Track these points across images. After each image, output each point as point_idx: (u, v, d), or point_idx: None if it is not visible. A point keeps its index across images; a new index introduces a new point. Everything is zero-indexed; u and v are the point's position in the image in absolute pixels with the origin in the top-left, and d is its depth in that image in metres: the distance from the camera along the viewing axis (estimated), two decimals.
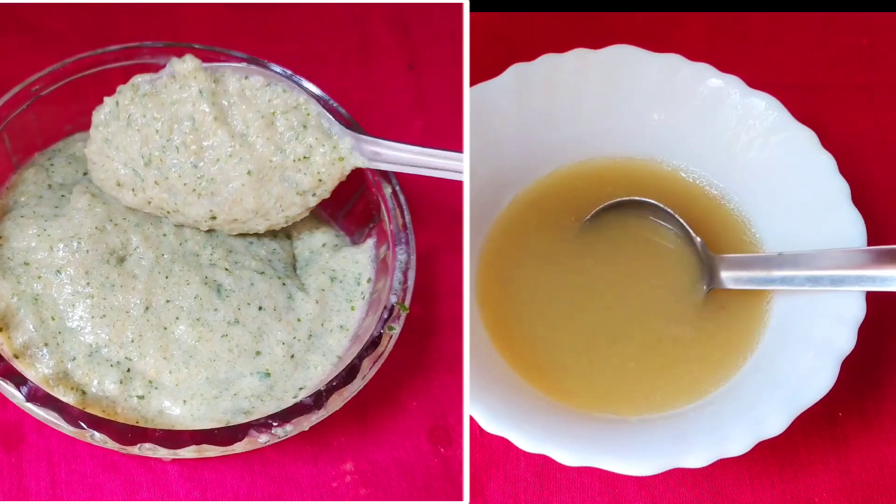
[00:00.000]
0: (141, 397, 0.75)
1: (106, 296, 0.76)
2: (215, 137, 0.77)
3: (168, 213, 0.79)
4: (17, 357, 0.74)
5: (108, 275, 0.77)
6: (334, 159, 0.78)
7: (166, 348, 0.76)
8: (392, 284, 0.77)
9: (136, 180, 0.78)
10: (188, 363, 0.76)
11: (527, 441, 0.71)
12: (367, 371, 0.74)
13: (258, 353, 0.77)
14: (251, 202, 0.78)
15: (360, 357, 0.73)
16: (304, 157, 0.78)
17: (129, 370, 0.76)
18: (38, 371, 0.74)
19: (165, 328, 0.77)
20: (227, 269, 0.79)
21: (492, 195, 0.84)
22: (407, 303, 0.77)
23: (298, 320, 0.79)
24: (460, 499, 0.81)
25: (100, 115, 0.77)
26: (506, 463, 0.80)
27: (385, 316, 0.75)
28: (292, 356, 0.77)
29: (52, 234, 0.77)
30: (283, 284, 0.80)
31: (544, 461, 0.79)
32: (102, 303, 0.76)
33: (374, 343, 0.74)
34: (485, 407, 0.72)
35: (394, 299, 0.76)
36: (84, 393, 0.75)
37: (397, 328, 0.75)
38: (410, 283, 0.77)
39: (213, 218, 0.79)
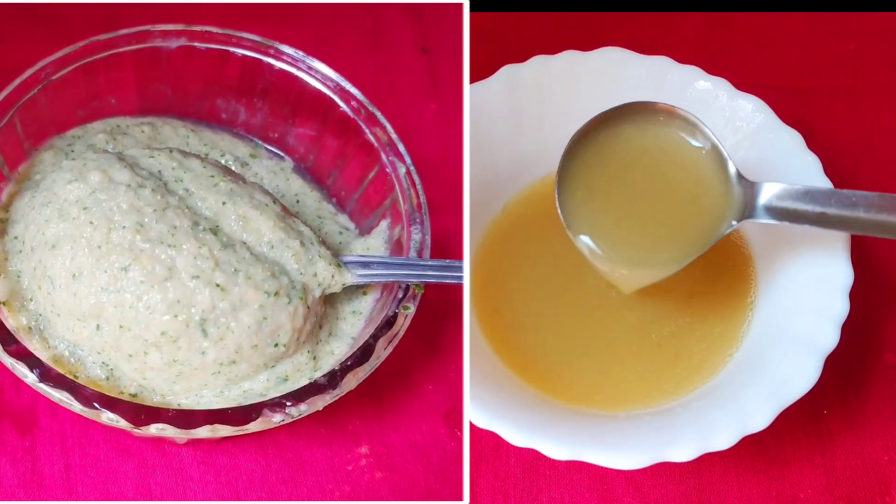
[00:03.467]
0: (134, 395, 0.74)
1: (53, 290, 0.73)
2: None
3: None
4: (26, 337, 0.73)
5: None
6: (335, 263, 0.76)
7: (142, 372, 0.74)
8: None
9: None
10: (172, 387, 0.74)
11: (515, 435, 0.71)
12: (382, 351, 0.73)
13: (272, 367, 0.76)
14: (269, 225, 0.75)
15: (375, 337, 0.73)
16: (318, 236, 0.77)
17: (112, 370, 0.74)
18: (38, 353, 0.72)
19: (131, 356, 0.73)
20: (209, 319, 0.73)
21: (485, 197, 0.85)
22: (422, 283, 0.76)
23: (320, 327, 0.78)
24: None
25: None
26: (495, 459, 0.80)
27: (400, 296, 0.75)
28: (315, 357, 0.77)
29: (38, 200, 0.75)
30: (293, 305, 0.75)
31: (533, 457, 0.79)
32: (52, 294, 0.73)
33: (388, 323, 0.74)
34: (474, 401, 0.72)
35: None
36: (76, 377, 0.73)
37: (412, 307, 0.75)
38: None
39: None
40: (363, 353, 0.72)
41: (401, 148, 0.81)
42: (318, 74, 0.83)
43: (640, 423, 0.75)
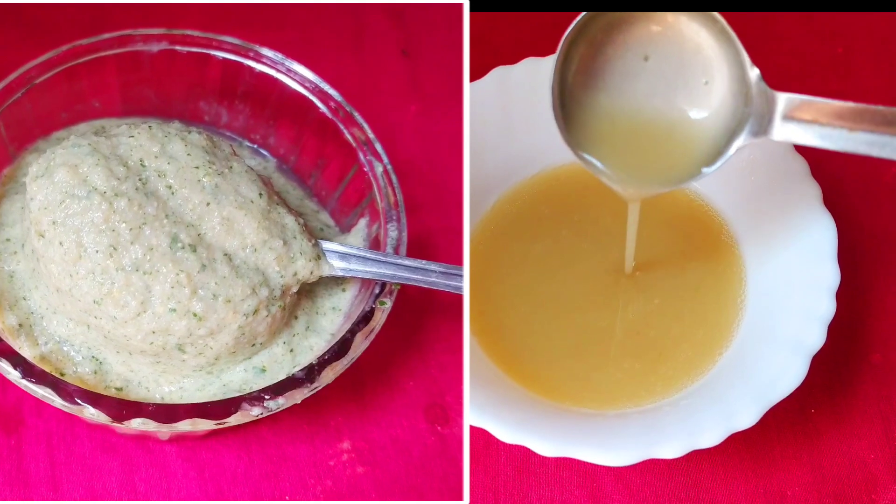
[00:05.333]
0: (119, 389, 0.75)
1: (48, 294, 0.74)
2: (231, 162, 0.77)
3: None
4: (11, 336, 0.74)
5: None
6: (316, 254, 0.76)
7: (129, 365, 0.75)
8: None
9: None
10: (158, 379, 0.76)
11: (505, 432, 0.72)
12: (359, 345, 0.74)
13: (248, 359, 0.77)
14: (253, 226, 0.74)
15: (352, 332, 0.74)
16: (303, 227, 0.76)
17: (101, 363, 0.75)
18: (24, 352, 0.74)
19: (118, 352, 0.75)
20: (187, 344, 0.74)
21: (475, 196, 0.85)
22: None
23: (296, 318, 0.79)
24: (459, 477, 0.82)
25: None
26: (486, 457, 0.81)
27: (377, 291, 0.76)
28: (291, 350, 0.78)
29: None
30: (271, 316, 0.76)
31: (523, 455, 0.80)
32: (48, 295, 0.74)
33: (365, 318, 0.75)
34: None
35: None
36: (63, 374, 0.74)
37: (389, 303, 0.76)
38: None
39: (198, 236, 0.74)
40: (340, 348, 0.73)
41: (378, 147, 0.82)
42: (298, 76, 0.84)
43: (628, 421, 0.76)
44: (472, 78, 0.85)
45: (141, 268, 0.71)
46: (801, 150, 0.81)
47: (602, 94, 0.73)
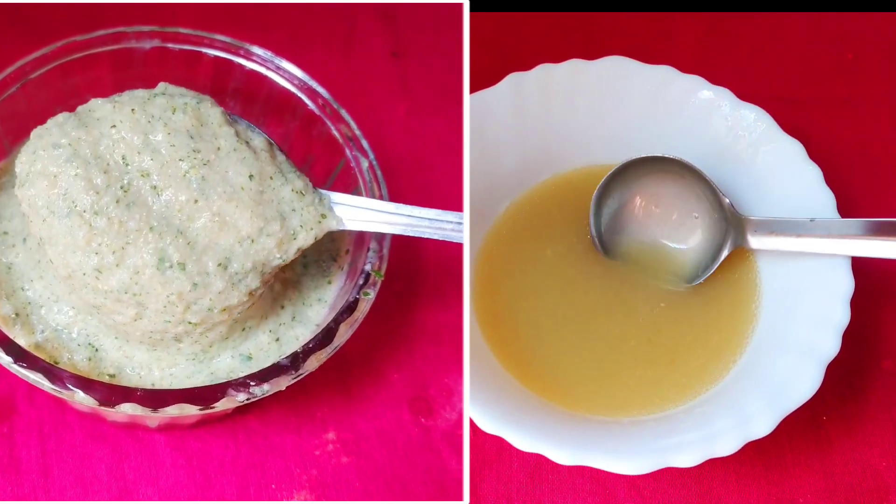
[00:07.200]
0: (112, 376, 0.77)
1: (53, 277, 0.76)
2: (219, 139, 0.74)
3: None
4: (5, 325, 0.76)
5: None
6: (319, 216, 0.76)
7: (124, 350, 0.77)
8: (368, 253, 0.79)
9: None
10: (151, 366, 0.77)
11: (522, 440, 0.72)
12: (343, 335, 0.75)
13: (236, 346, 0.79)
14: (246, 217, 0.73)
15: (337, 321, 0.75)
16: (301, 193, 0.75)
17: (97, 350, 0.77)
18: (18, 340, 0.74)
19: (116, 338, 0.77)
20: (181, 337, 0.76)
21: (488, 200, 0.86)
22: (382, 270, 0.78)
23: (282, 307, 0.80)
24: (442, 468, 0.83)
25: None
26: (499, 464, 0.81)
27: (361, 282, 0.77)
28: (277, 339, 0.79)
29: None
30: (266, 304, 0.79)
31: (536, 463, 0.81)
32: (52, 285, 0.76)
33: (350, 308, 0.76)
34: (481, 407, 0.73)
35: (368, 267, 0.78)
36: (56, 363, 0.75)
37: (372, 294, 0.77)
38: (385, 251, 0.79)
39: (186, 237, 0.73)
40: (325, 336, 0.75)
41: (364, 143, 0.83)
42: (286, 74, 0.85)
43: (644, 429, 0.76)
44: (481, 78, 0.86)
45: (130, 290, 0.72)
46: (814, 157, 0.83)
47: (627, 231, 0.85)
